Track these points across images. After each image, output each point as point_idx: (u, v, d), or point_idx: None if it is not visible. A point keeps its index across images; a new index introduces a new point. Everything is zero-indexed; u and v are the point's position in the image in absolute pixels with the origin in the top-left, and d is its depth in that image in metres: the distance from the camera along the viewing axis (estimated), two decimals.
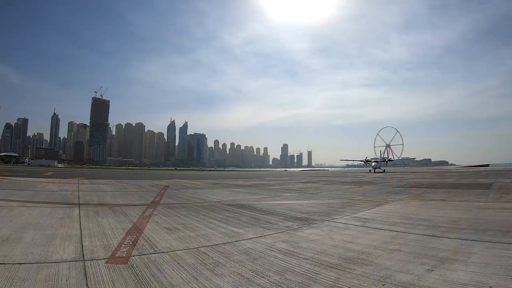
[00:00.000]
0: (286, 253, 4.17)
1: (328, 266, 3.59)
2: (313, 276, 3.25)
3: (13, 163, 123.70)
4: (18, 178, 20.73)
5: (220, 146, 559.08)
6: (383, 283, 3.04)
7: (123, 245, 4.44)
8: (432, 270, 3.36)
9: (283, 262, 3.74)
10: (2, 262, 3.50)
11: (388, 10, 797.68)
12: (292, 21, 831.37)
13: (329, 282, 3.10)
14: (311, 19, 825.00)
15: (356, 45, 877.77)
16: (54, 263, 3.55)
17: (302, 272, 3.39)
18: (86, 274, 3.25)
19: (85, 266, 3.51)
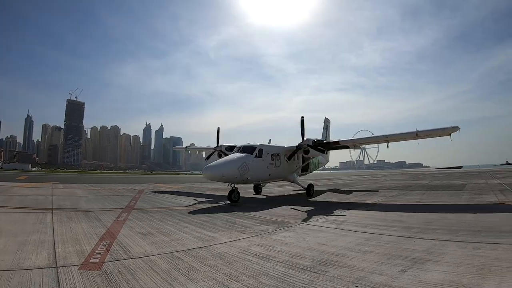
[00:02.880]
0: (261, 256, 4.12)
1: (302, 269, 3.56)
2: (287, 279, 3.20)
3: None
4: None
5: None
6: (357, 285, 3.02)
7: (96, 251, 4.32)
8: (405, 271, 3.38)
9: (257, 266, 3.69)
10: None
11: (361, 16, 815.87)
12: (267, 26, 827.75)
13: (303, 285, 3.05)
14: (285, 24, 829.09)
15: (330, 50, 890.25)
16: (26, 270, 3.43)
17: (276, 275, 3.34)
18: (59, 281, 3.15)
19: (58, 272, 3.39)
